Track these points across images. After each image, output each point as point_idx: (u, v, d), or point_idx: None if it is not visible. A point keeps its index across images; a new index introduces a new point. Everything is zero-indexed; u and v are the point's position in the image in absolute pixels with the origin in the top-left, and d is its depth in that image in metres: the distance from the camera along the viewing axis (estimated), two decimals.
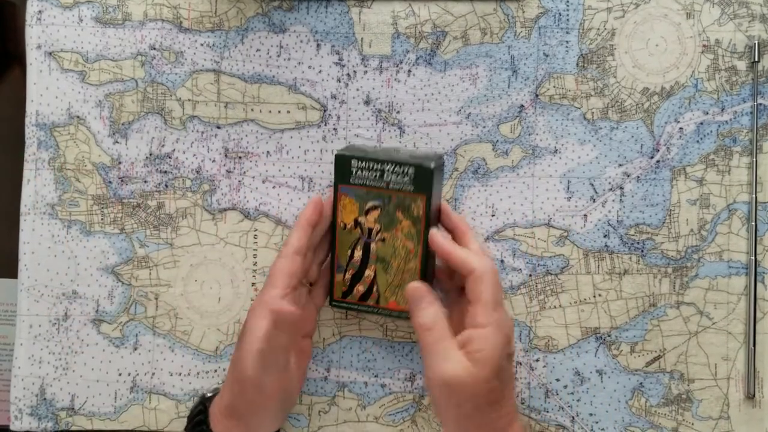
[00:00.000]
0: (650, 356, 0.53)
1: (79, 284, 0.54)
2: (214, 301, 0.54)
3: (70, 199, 0.54)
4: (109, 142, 0.54)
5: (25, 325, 0.53)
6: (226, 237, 0.54)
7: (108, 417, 0.54)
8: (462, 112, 0.54)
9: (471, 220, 0.53)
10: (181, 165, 0.54)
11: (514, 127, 0.54)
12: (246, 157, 0.54)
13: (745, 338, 0.53)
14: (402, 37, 0.54)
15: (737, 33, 0.53)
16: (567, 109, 0.53)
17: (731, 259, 0.53)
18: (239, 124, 0.54)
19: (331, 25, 0.54)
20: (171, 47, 0.54)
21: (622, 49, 0.53)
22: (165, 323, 0.54)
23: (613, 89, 0.53)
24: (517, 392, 0.53)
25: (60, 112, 0.54)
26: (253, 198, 0.54)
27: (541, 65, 0.53)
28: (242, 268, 0.54)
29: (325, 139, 0.54)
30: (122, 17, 0.54)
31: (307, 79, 0.54)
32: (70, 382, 0.54)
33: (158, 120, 0.54)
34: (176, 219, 0.54)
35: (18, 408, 0.53)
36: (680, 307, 0.53)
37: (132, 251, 0.54)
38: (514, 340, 0.48)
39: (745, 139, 0.53)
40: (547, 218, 0.54)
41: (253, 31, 0.54)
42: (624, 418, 0.53)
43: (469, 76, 0.54)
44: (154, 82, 0.54)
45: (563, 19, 0.53)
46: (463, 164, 0.54)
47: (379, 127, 0.54)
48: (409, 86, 0.54)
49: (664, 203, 0.53)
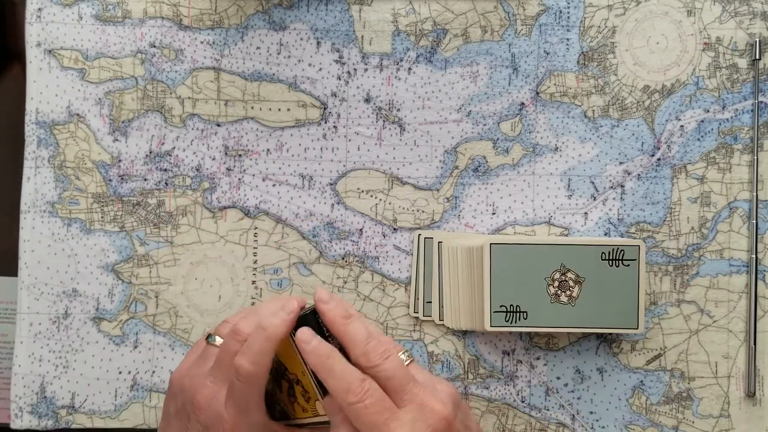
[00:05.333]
0: (651, 354, 0.53)
1: (79, 282, 0.54)
2: (215, 299, 0.54)
3: (70, 197, 0.54)
4: (109, 140, 0.54)
5: (26, 323, 0.53)
6: (227, 235, 0.54)
7: (108, 415, 0.54)
8: (462, 109, 0.54)
9: (472, 218, 0.53)
10: (181, 163, 0.54)
11: (514, 125, 0.53)
12: (246, 155, 0.54)
13: (746, 336, 0.53)
14: (402, 34, 0.54)
15: (738, 30, 0.53)
16: (568, 106, 0.53)
17: (732, 257, 0.53)
18: (239, 122, 0.54)
19: (332, 22, 0.54)
20: (171, 45, 0.54)
21: (622, 46, 0.53)
22: (165, 321, 0.54)
23: (614, 87, 0.53)
24: (518, 390, 0.53)
25: (60, 110, 0.54)
26: (253, 196, 0.54)
27: (541, 63, 0.53)
28: (242, 266, 0.54)
29: (325, 137, 0.54)
30: (122, 15, 0.54)
31: (308, 77, 0.54)
32: (70, 380, 0.54)
33: (158, 118, 0.54)
34: (176, 217, 0.54)
35: (18, 406, 0.53)
36: (681, 305, 0.53)
37: (132, 249, 0.54)
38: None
39: (746, 137, 0.53)
40: (547, 216, 0.53)
41: (253, 28, 0.54)
42: (624, 416, 0.53)
43: (469, 73, 0.53)
44: (154, 79, 0.54)
45: (564, 17, 0.53)
46: (463, 162, 0.54)
47: (380, 124, 0.54)
48: (410, 84, 0.54)
49: (664, 201, 0.53)
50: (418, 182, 0.54)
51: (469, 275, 0.52)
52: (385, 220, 0.54)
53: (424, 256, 0.53)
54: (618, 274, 0.50)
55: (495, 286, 0.50)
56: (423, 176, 0.54)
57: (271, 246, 0.54)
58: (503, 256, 0.50)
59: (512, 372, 0.53)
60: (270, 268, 0.54)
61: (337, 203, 0.54)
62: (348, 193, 0.54)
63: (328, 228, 0.54)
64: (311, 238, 0.54)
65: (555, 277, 0.50)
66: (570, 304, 0.50)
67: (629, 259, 0.50)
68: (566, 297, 0.50)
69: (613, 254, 0.50)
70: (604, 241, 0.51)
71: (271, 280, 0.54)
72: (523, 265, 0.50)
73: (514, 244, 0.50)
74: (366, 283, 0.54)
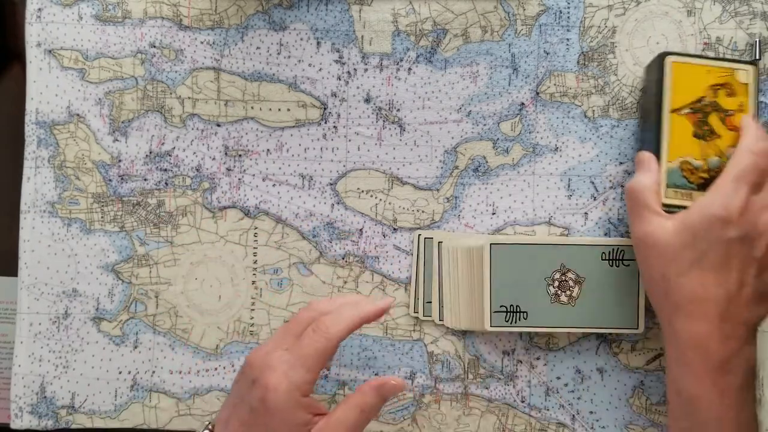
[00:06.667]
0: (651, 354, 0.53)
1: (79, 282, 0.54)
2: (215, 299, 0.54)
3: (70, 197, 0.54)
4: (109, 140, 0.54)
5: (25, 323, 0.53)
6: (227, 235, 0.54)
7: (108, 415, 0.54)
8: (462, 110, 0.54)
9: (472, 219, 0.53)
10: (181, 163, 0.54)
11: (514, 125, 0.53)
12: (246, 155, 0.54)
13: None
14: (402, 34, 0.54)
15: (738, 31, 0.53)
16: (568, 107, 0.53)
17: None
18: (239, 122, 0.54)
19: (332, 22, 0.54)
20: (171, 45, 0.54)
21: (622, 46, 0.53)
22: (165, 321, 0.54)
23: (614, 87, 0.53)
24: (518, 390, 0.53)
25: (60, 110, 0.54)
26: (253, 196, 0.54)
27: (541, 63, 0.53)
28: (242, 266, 0.54)
29: (325, 137, 0.54)
30: (122, 15, 0.54)
31: (308, 77, 0.54)
32: (70, 380, 0.54)
33: (158, 118, 0.54)
34: (176, 217, 0.54)
35: (18, 406, 0.53)
36: None
37: (132, 249, 0.54)
38: None
39: None
40: (547, 216, 0.53)
41: (253, 28, 0.54)
42: (624, 416, 0.53)
43: (469, 73, 0.53)
44: (153, 80, 0.54)
45: (564, 17, 0.53)
46: (463, 162, 0.54)
47: (380, 125, 0.54)
48: (410, 84, 0.54)
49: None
50: (418, 182, 0.54)
51: (468, 275, 0.52)
52: (385, 220, 0.54)
53: (424, 256, 0.53)
54: (618, 274, 0.50)
55: (495, 286, 0.50)
56: (423, 176, 0.54)
57: (271, 246, 0.54)
58: (503, 256, 0.50)
59: (512, 372, 0.53)
60: (270, 268, 0.54)
61: (337, 203, 0.54)
62: (348, 193, 0.54)
63: (328, 228, 0.54)
64: (311, 238, 0.54)
65: (555, 277, 0.50)
66: (570, 304, 0.50)
67: (629, 259, 0.50)
68: (566, 297, 0.50)
69: (614, 254, 0.50)
70: (604, 241, 0.51)
71: (271, 280, 0.54)
72: (523, 265, 0.50)
73: (515, 244, 0.50)
74: (366, 283, 0.54)
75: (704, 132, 0.49)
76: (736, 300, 0.43)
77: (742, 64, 0.49)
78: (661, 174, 0.48)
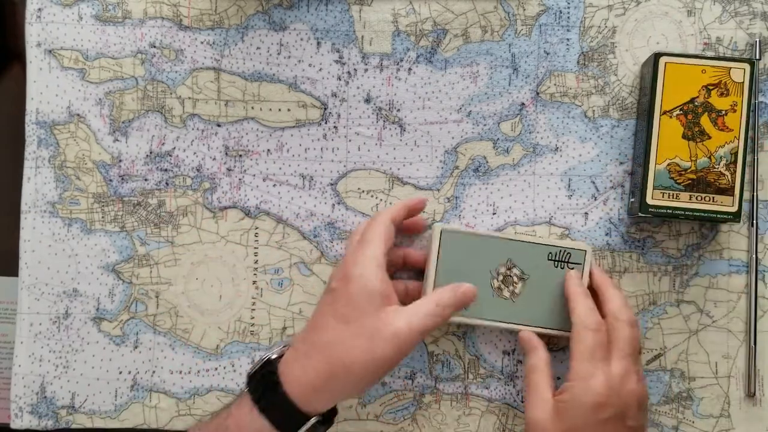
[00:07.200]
0: (651, 354, 0.53)
1: (79, 282, 0.54)
2: (215, 299, 0.54)
3: (70, 197, 0.54)
4: (110, 140, 0.54)
5: (26, 323, 0.53)
6: (227, 235, 0.54)
7: (108, 415, 0.54)
8: (462, 110, 0.54)
9: (472, 219, 0.53)
10: (182, 163, 0.54)
11: (514, 125, 0.54)
12: (246, 155, 0.54)
13: (746, 336, 0.53)
14: (402, 35, 0.54)
15: (738, 31, 0.53)
16: (568, 107, 0.53)
17: (732, 258, 0.53)
18: (239, 122, 0.54)
19: (332, 23, 0.54)
20: (171, 45, 0.54)
21: (622, 46, 0.53)
22: (165, 321, 0.54)
23: (614, 87, 0.53)
24: (518, 390, 0.53)
25: (60, 110, 0.54)
26: (253, 196, 0.54)
27: (541, 63, 0.53)
28: (243, 266, 0.54)
29: (325, 137, 0.54)
30: (122, 15, 0.54)
31: (308, 77, 0.54)
32: (70, 381, 0.54)
33: (158, 118, 0.54)
34: (177, 217, 0.54)
35: (18, 406, 0.53)
36: (680, 305, 0.53)
37: (132, 249, 0.54)
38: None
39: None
40: (548, 216, 0.53)
41: (253, 29, 0.54)
42: None
43: (469, 74, 0.54)
44: (154, 80, 0.54)
45: (564, 17, 0.53)
46: (463, 162, 0.54)
47: (380, 125, 0.54)
48: (410, 84, 0.54)
49: None
50: (419, 182, 0.54)
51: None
52: None
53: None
54: (562, 276, 0.50)
55: (439, 270, 0.50)
56: (423, 176, 0.54)
57: (271, 246, 0.54)
58: (452, 244, 0.50)
59: (512, 372, 0.53)
60: (271, 268, 0.54)
61: (337, 203, 0.54)
62: (348, 193, 0.54)
63: (329, 228, 0.54)
64: (312, 238, 0.54)
65: (500, 272, 0.50)
66: (511, 299, 0.50)
67: (574, 263, 0.50)
68: (509, 292, 0.50)
69: (560, 256, 0.50)
70: (552, 242, 0.51)
71: (271, 280, 0.54)
72: (471, 255, 0.50)
73: (465, 233, 0.50)
74: None
75: (694, 133, 0.49)
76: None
77: (737, 63, 0.49)
78: (649, 175, 0.49)
